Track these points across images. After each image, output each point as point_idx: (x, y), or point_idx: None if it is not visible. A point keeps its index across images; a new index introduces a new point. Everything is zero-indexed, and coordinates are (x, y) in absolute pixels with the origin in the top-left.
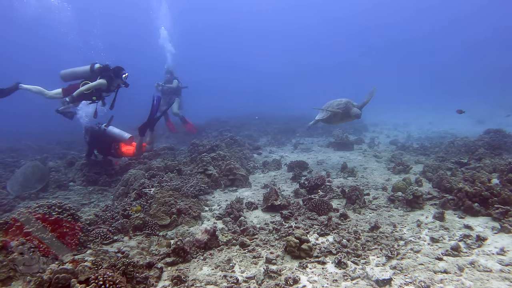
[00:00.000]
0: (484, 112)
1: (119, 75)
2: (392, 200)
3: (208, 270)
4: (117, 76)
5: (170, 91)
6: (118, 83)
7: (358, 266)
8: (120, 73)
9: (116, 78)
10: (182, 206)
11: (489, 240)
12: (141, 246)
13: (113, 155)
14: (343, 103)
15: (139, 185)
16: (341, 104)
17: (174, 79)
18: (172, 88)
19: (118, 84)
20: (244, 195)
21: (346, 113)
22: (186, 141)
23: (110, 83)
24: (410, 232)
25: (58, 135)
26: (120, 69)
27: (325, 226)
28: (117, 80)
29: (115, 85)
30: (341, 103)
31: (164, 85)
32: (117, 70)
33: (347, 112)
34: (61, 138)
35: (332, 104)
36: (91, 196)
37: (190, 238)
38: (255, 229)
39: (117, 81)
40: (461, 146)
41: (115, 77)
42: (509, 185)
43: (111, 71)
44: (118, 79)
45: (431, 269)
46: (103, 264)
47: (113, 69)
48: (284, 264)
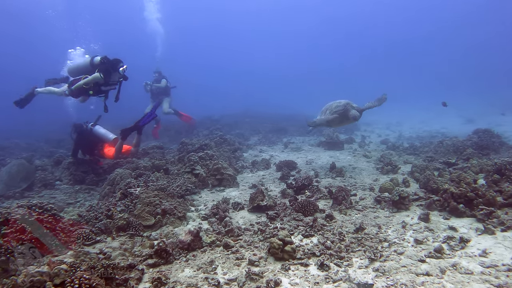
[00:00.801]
0: (475, 111)
1: (116, 69)
2: (379, 201)
3: (190, 272)
4: (114, 70)
5: (158, 91)
6: (118, 76)
7: (341, 268)
8: (117, 66)
9: (114, 72)
10: (167, 206)
11: (472, 241)
12: (123, 247)
13: (96, 155)
14: (341, 105)
15: (125, 185)
16: (339, 107)
17: (163, 79)
18: (161, 88)
19: (119, 78)
20: (231, 195)
21: (345, 116)
22: (177, 139)
23: (107, 77)
24: (394, 233)
25: (47, 132)
26: (117, 62)
27: (310, 227)
28: (115, 73)
29: (115, 78)
30: (339, 105)
31: (152, 84)
32: (114, 63)
33: (345, 115)
34: (50, 136)
35: (331, 106)
36: (78, 195)
37: (173, 239)
38: (240, 230)
39: (116, 75)
40: (450, 146)
41: (113, 71)
42: (494, 186)
43: (108, 64)
44: (116, 73)
45: (414, 271)
46: (82, 266)
47: (110, 62)
48: (267, 266)
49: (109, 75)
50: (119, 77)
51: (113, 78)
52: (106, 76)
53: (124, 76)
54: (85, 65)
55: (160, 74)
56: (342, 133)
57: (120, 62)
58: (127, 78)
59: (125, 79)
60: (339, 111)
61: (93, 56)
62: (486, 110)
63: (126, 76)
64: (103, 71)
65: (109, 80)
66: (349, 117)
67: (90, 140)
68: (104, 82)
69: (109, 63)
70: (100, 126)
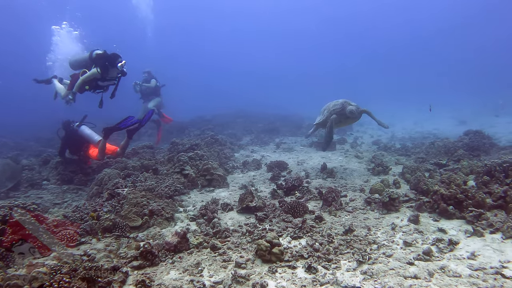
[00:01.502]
0: (468, 112)
1: (114, 64)
2: (369, 202)
3: (175, 274)
4: (112, 65)
5: (148, 91)
6: (116, 72)
7: (329, 271)
8: (115, 61)
9: (112, 67)
10: (154, 207)
11: (461, 244)
12: (108, 249)
13: (82, 156)
14: (339, 104)
15: (112, 185)
16: (337, 105)
17: (152, 79)
18: (151, 88)
19: (117, 73)
20: (221, 196)
21: (344, 114)
22: (168, 139)
23: (105, 72)
24: (384, 235)
25: (37, 131)
26: (115, 57)
27: (299, 229)
28: (114, 69)
29: (113, 74)
30: (337, 104)
31: (142, 84)
32: (112, 58)
33: (344, 113)
34: (40, 134)
35: (328, 106)
36: (65, 196)
37: (160, 240)
38: (228, 231)
39: (114, 70)
40: (441, 147)
41: (111, 66)
42: (484, 188)
43: (106, 59)
44: (114, 68)
45: (402, 274)
46: (63, 269)
47: (107, 57)
48: (254, 269)
49: (106, 71)
50: (118, 72)
51: (111, 74)
52: (104, 72)
53: (122, 71)
54: (84, 59)
55: (150, 74)
56: (334, 133)
57: (118, 57)
58: (126, 74)
59: (124, 74)
60: (337, 110)
61: (92, 50)
62: (479, 111)
63: (125, 71)
64: (101, 66)
65: (107, 75)
66: (347, 114)
67: (76, 140)
68: (102, 77)
69: (107, 58)
70: (86, 126)
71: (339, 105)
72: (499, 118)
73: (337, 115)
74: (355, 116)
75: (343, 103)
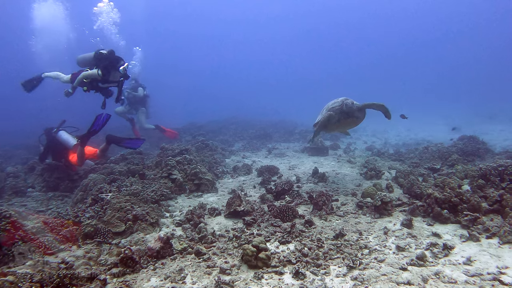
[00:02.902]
0: (461, 120)
1: (116, 67)
2: (361, 206)
3: (156, 281)
4: (113, 68)
5: (135, 100)
6: (119, 75)
7: (317, 277)
8: (117, 64)
9: (114, 70)
10: (138, 212)
11: (456, 249)
12: (88, 256)
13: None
14: (339, 102)
15: (96, 190)
16: (336, 103)
17: (139, 87)
18: (138, 97)
19: (119, 76)
20: (209, 201)
21: (343, 112)
22: (159, 145)
23: (107, 75)
24: (376, 240)
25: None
26: (117, 60)
27: (288, 234)
28: (116, 72)
29: (115, 77)
30: (337, 101)
31: (130, 92)
32: (113, 61)
33: (342, 110)
34: (30, 142)
35: (328, 104)
36: (50, 203)
37: (142, 246)
38: (214, 237)
39: (116, 73)
40: (435, 152)
41: (112, 69)
42: (479, 192)
43: (107, 62)
44: (116, 71)
45: (394, 280)
46: (35, 277)
47: (109, 60)
48: (239, 275)
49: (108, 73)
50: (120, 76)
51: (113, 77)
52: (105, 74)
53: (125, 75)
54: (89, 58)
55: (137, 81)
56: (327, 139)
57: (120, 60)
58: (129, 77)
59: (126, 78)
60: (336, 107)
61: (98, 49)
62: (472, 120)
63: (128, 75)
64: (102, 68)
65: (108, 78)
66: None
67: (56, 146)
68: (102, 80)
69: (108, 61)
70: (65, 131)
71: (338, 103)
72: (492, 125)
73: (335, 113)
74: (354, 114)
75: (343, 100)
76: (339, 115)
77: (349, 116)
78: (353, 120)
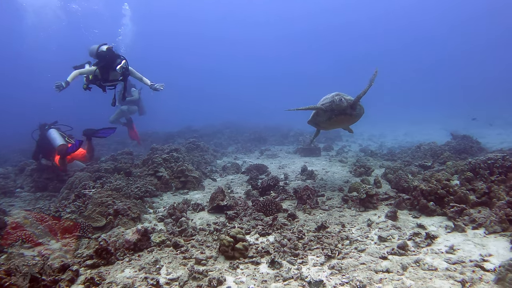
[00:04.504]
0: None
1: (112, 66)
2: (346, 200)
3: (130, 272)
4: (111, 68)
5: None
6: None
7: (294, 266)
8: (114, 63)
9: (112, 70)
10: (120, 206)
11: (440, 239)
12: (65, 249)
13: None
14: (329, 97)
15: (80, 186)
16: (327, 98)
17: (133, 88)
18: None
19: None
20: (195, 198)
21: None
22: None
23: (104, 74)
24: (359, 231)
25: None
26: (112, 59)
27: (269, 226)
28: (113, 71)
29: (115, 76)
30: (328, 97)
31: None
32: (109, 59)
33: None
34: (26, 146)
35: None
36: (38, 203)
37: (120, 239)
38: (194, 230)
39: (115, 73)
40: (428, 151)
41: (110, 68)
42: (467, 184)
43: (104, 62)
44: (113, 71)
45: (373, 268)
46: (3, 266)
47: (104, 58)
48: (214, 265)
49: (105, 72)
50: (119, 75)
51: (112, 76)
52: (103, 73)
53: (124, 73)
54: (91, 52)
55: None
56: (322, 142)
57: (116, 59)
58: (129, 74)
59: (127, 75)
60: (326, 105)
61: (101, 44)
62: (469, 124)
63: (127, 72)
64: (100, 67)
65: (107, 77)
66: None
67: (45, 143)
68: (102, 79)
69: (104, 61)
70: (56, 130)
71: (329, 98)
72: (489, 130)
73: (324, 112)
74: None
75: (333, 96)
76: (329, 113)
77: (341, 114)
78: (346, 118)
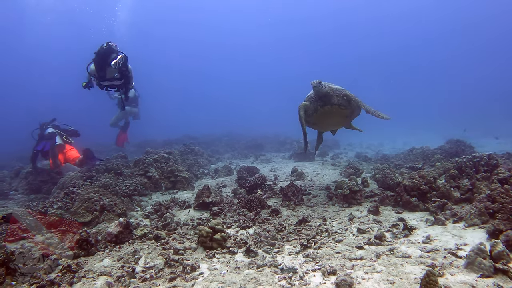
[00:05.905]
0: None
1: (107, 62)
2: (330, 197)
3: (108, 261)
4: (105, 64)
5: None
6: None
7: (269, 255)
8: (107, 60)
9: (107, 66)
10: (106, 202)
11: (419, 231)
12: (48, 242)
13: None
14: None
15: (71, 185)
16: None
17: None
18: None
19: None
20: (183, 197)
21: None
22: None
23: (100, 71)
24: (339, 225)
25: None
26: (106, 55)
27: (251, 221)
28: (109, 68)
29: (112, 73)
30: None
31: (118, 97)
32: (102, 55)
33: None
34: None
35: None
36: (31, 204)
37: (103, 232)
38: (178, 225)
39: (112, 70)
40: (419, 154)
41: (104, 65)
42: (451, 182)
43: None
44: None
45: (347, 257)
46: None
47: (98, 54)
48: (192, 255)
49: (101, 69)
50: (116, 72)
51: (109, 73)
52: (99, 70)
53: (120, 69)
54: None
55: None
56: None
57: (110, 54)
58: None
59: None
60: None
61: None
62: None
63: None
64: (95, 62)
65: (104, 74)
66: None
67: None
68: (98, 76)
69: (98, 57)
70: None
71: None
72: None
73: (310, 102)
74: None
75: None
76: (314, 104)
77: (326, 103)
78: (334, 109)
